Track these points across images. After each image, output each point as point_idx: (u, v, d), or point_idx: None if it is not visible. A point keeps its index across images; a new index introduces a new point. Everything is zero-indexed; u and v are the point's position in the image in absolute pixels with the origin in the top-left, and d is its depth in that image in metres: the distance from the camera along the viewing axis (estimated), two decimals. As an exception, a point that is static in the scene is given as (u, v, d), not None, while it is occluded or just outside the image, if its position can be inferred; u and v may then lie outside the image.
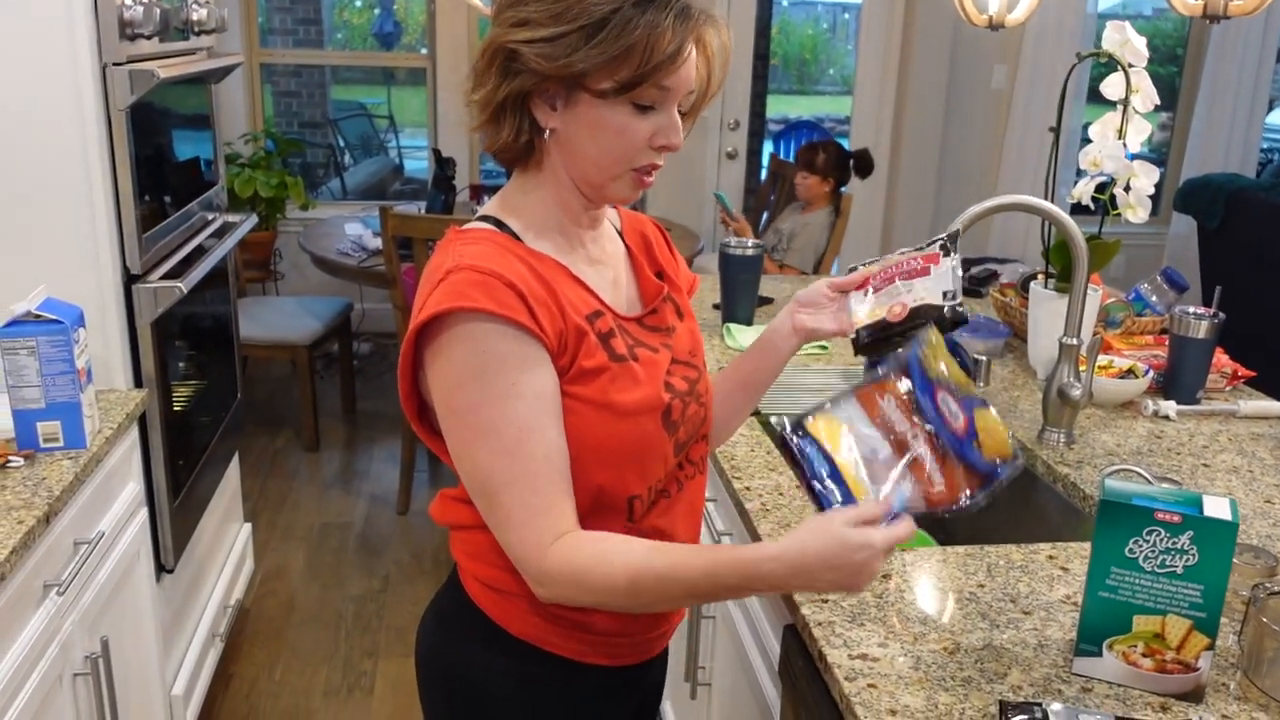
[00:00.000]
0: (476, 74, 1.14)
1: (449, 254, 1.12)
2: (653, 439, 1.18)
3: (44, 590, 1.65)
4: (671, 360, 1.23)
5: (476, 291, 1.07)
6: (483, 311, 1.06)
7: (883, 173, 5.56)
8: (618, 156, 1.13)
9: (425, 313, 1.08)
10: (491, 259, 1.10)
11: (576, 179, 1.16)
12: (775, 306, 2.77)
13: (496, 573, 1.20)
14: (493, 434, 1.08)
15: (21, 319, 1.75)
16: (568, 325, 1.12)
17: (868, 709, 1.15)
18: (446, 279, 1.08)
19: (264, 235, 4.97)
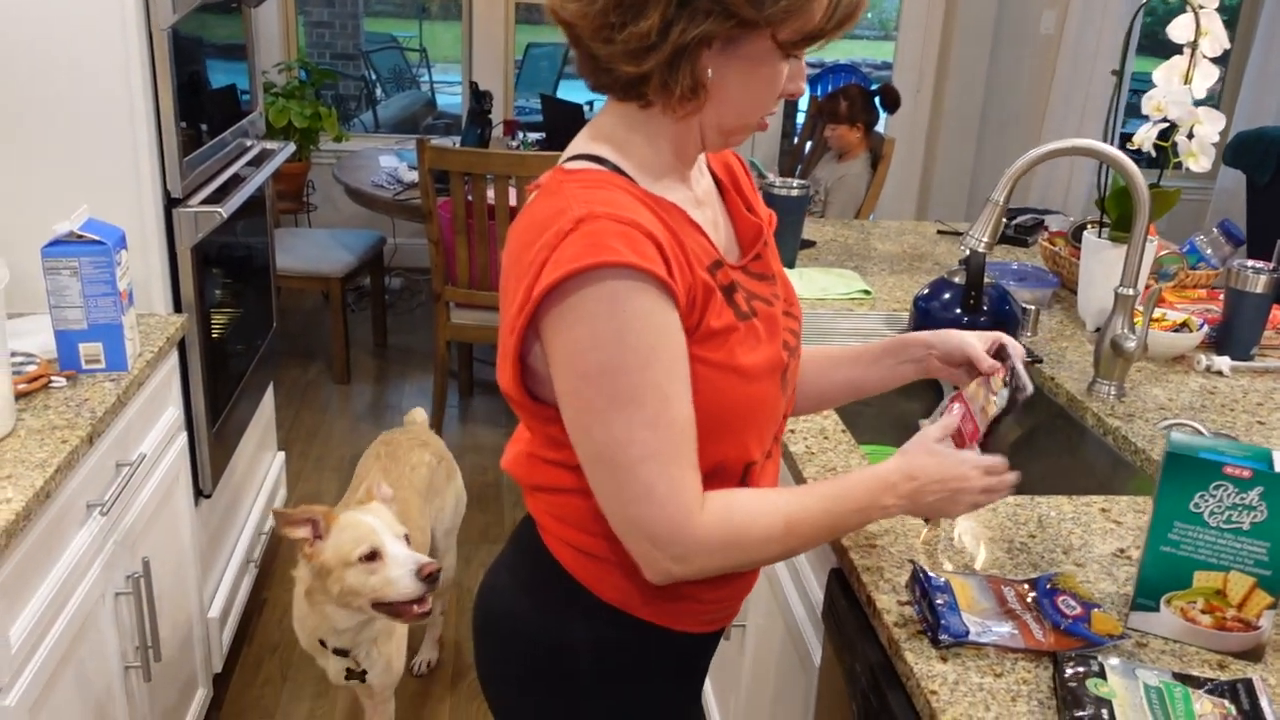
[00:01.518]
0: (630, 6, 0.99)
1: (569, 199, 1.01)
2: (773, 401, 1.13)
3: (87, 510, 1.66)
4: (783, 313, 1.17)
5: (618, 243, 0.96)
6: (626, 266, 0.96)
7: (924, 118, 5.47)
8: (760, 104, 1.06)
9: (564, 268, 0.96)
10: (624, 205, 0.99)
11: (707, 123, 1.07)
12: (817, 250, 2.73)
13: (594, 540, 1.13)
14: (633, 404, 0.99)
15: (64, 239, 1.74)
16: (696, 280, 1.04)
17: (918, 655, 1.13)
18: (578, 229, 0.97)
19: (297, 166, 4.95)
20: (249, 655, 2.65)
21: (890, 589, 1.25)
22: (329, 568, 1.83)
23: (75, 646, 1.60)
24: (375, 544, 1.83)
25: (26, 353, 1.79)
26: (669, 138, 1.09)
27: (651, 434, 1.00)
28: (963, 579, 1.23)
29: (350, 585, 1.83)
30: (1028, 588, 1.22)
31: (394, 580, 1.82)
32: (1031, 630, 1.15)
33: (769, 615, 1.81)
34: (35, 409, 1.65)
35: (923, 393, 2.10)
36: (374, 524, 1.85)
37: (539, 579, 1.19)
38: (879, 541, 1.35)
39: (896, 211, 5.47)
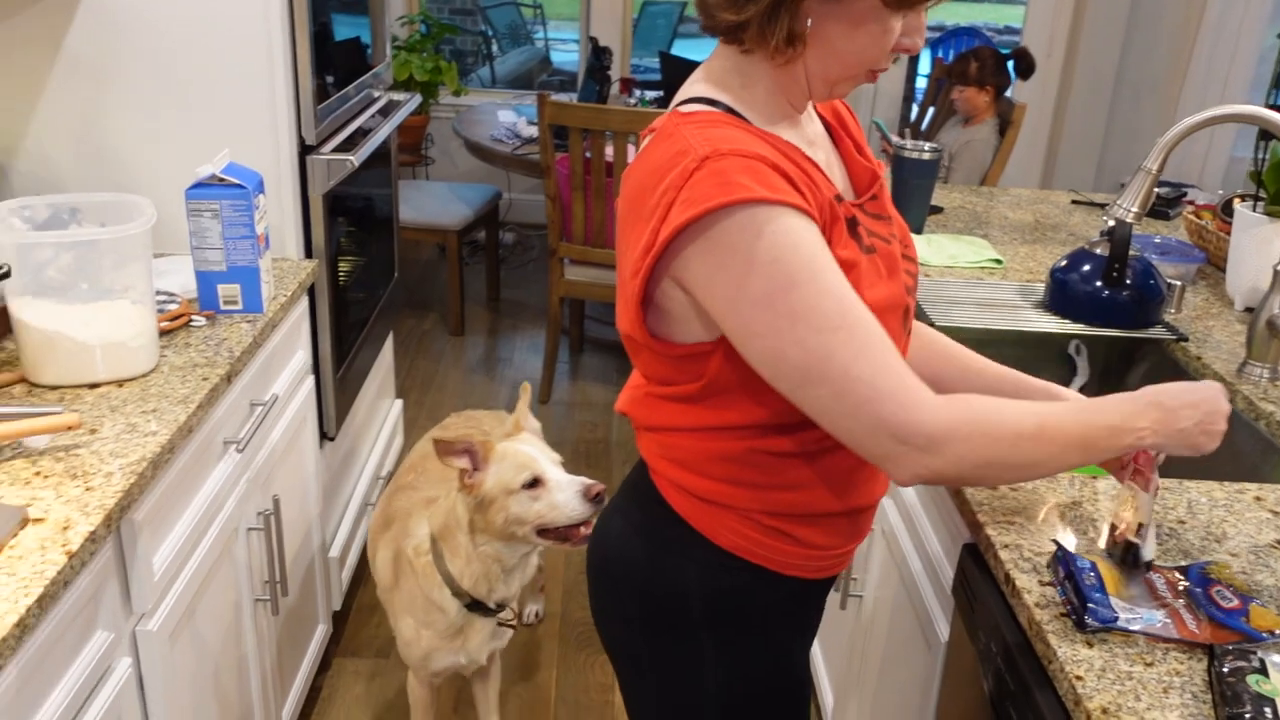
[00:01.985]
0: None
1: (689, 139, 1.01)
2: (894, 340, 1.09)
3: (224, 447, 1.71)
4: (902, 255, 1.16)
5: (746, 178, 0.96)
6: (758, 200, 0.96)
7: (1053, 83, 5.26)
8: (867, 57, 1.05)
9: (694, 208, 0.96)
10: (746, 142, 1.00)
11: (812, 73, 1.07)
12: (945, 216, 2.66)
13: (703, 481, 1.14)
14: (814, 312, 0.97)
15: (206, 182, 1.78)
16: (825, 207, 1.04)
17: (1061, 638, 1.09)
18: (704, 167, 0.97)
19: (417, 119, 5.00)
20: (365, 595, 2.72)
21: (1030, 568, 1.21)
22: (491, 497, 1.81)
23: (211, 577, 1.66)
24: (537, 471, 1.81)
25: (169, 292, 1.84)
26: (777, 83, 1.09)
27: (847, 336, 0.98)
28: (1109, 562, 1.18)
29: (515, 514, 1.81)
30: (1179, 575, 1.17)
31: (560, 504, 1.80)
32: (1184, 620, 1.10)
33: (890, 586, 1.78)
34: (177, 346, 1.70)
35: (1054, 368, 2.03)
36: (532, 452, 1.84)
37: (651, 522, 1.21)
38: (1017, 519, 1.31)
39: (1022, 179, 5.29)
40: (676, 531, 1.18)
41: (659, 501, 1.19)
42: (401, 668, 2.47)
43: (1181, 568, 1.18)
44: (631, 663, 1.27)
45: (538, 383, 3.88)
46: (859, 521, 1.22)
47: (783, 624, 1.23)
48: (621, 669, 1.30)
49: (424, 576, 1.92)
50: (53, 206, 1.64)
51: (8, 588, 1.10)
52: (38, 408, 1.44)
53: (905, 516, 1.74)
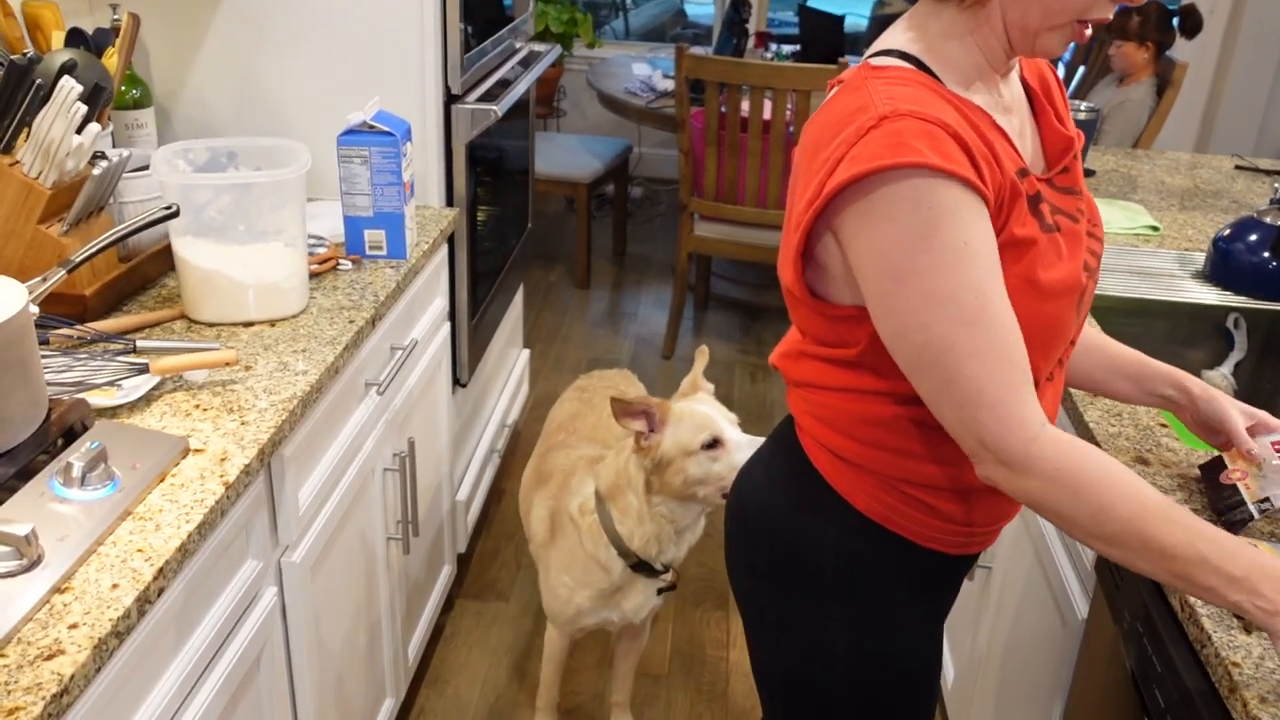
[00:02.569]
0: None
1: (873, 95, 0.99)
2: (1065, 323, 1.07)
3: (365, 389, 1.76)
4: (1087, 233, 1.11)
5: (921, 143, 0.94)
6: (928, 167, 0.93)
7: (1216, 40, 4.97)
8: (1075, 5, 0.99)
9: (862, 165, 0.95)
10: (930, 104, 0.96)
11: (1012, 23, 1.02)
12: (1097, 180, 2.54)
13: (847, 442, 1.13)
14: (949, 301, 0.96)
15: (357, 128, 1.82)
16: (1005, 182, 1.00)
17: (1216, 623, 1.05)
18: (880, 126, 0.95)
19: (551, 71, 5.02)
20: (487, 540, 2.79)
21: (1184, 549, 1.16)
22: (669, 459, 1.80)
23: (350, 514, 1.72)
24: (716, 431, 1.78)
25: (318, 236, 1.89)
26: (980, 41, 1.05)
27: (974, 332, 0.96)
28: (1270, 545, 1.13)
29: (694, 475, 1.79)
30: None
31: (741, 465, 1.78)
32: None
33: (1023, 561, 1.73)
34: (325, 289, 1.75)
35: (1210, 341, 1.93)
36: (711, 412, 1.81)
37: (792, 478, 1.20)
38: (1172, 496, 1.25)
39: (1175, 143, 5.03)
40: (816, 490, 1.17)
41: (802, 458, 1.19)
42: (522, 615, 2.53)
43: None
44: (758, 614, 1.27)
45: (661, 338, 3.89)
46: (1000, 501, 1.18)
47: (914, 597, 1.21)
48: (748, 619, 1.30)
49: (589, 535, 1.92)
50: (212, 150, 1.70)
51: (171, 514, 1.15)
52: (197, 344, 1.50)
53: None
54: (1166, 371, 1.28)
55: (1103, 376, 1.31)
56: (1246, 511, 1.19)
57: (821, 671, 1.21)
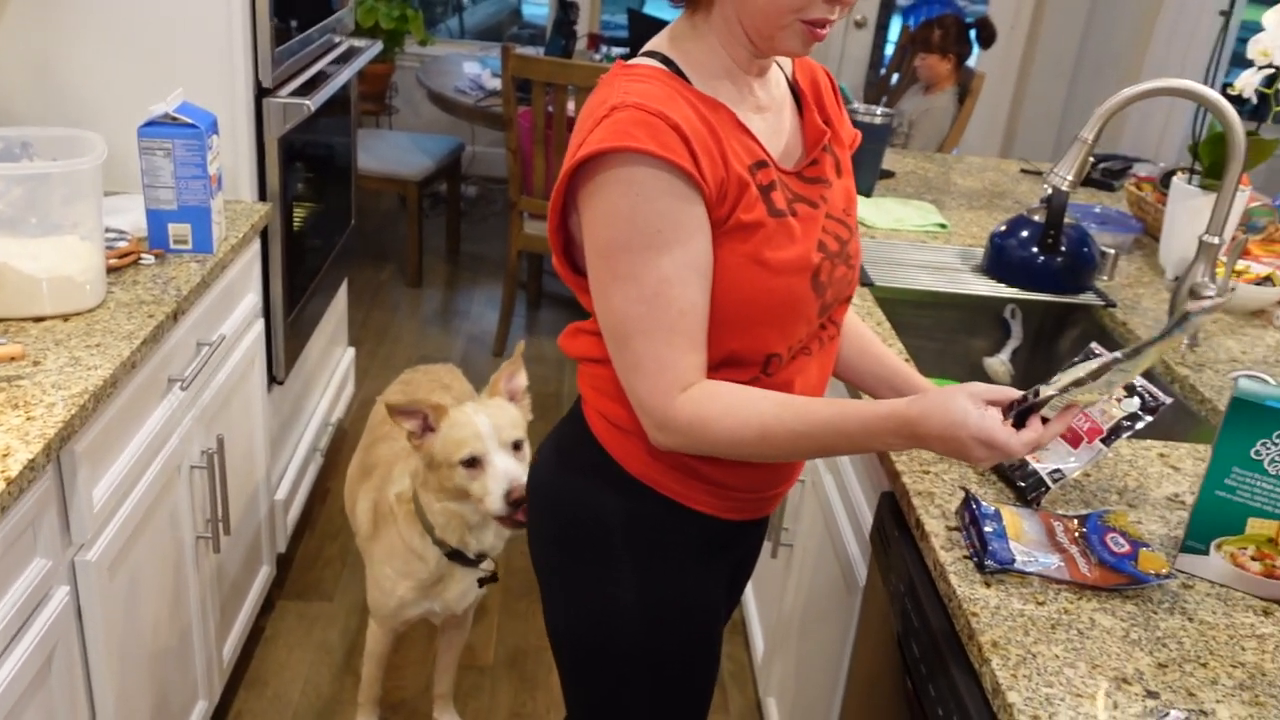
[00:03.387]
0: None
1: (614, 89, 1.09)
2: (800, 299, 1.16)
3: (168, 384, 1.73)
4: (826, 215, 1.20)
5: (640, 131, 1.04)
6: (644, 152, 1.04)
7: (1016, 53, 5.31)
8: (786, 5, 1.08)
9: (585, 149, 1.05)
10: (658, 98, 1.07)
11: (747, 27, 1.12)
12: (896, 181, 2.70)
13: (621, 410, 1.21)
14: (632, 280, 1.07)
15: (159, 120, 1.78)
16: (730, 175, 1.09)
17: (961, 579, 1.15)
18: (610, 116, 1.06)
19: (381, 68, 4.97)
20: (310, 540, 2.76)
21: (940, 514, 1.27)
22: (436, 463, 1.83)
23: (152, 512, 1.69)
24: (477, 451, 1.80)
25: (118, 229, 1.85)
26: (724, 43, 1.15)
27: (645, 310, 1.07)
28: (1013, 509, 1.25)
29: (457, 485, 1.82)
30: (1078, 524, 1.23)
31: (489, 492, 1.79)
32: (1078, 564, 1.16)
33: (816, 535, 1.84)
34: (125, 284, 1.72)
35: (990, 330, 2.09)
36: (482, 428, 1.81)
37: (575, 447, 1.28)
38: (933, 468, 1.36)
39: (980, 148, 5.35)
40: (594, 457, 1.25)
41: (585, 428, 1.27)
42: (347, 614, 2.52)
43: (1082, 516, 1.25)
44: (549, 581, 1.34)
45: (493, 336, 3.91)
46: (773, 467, 1.27)
47: (691, 560, 1.28)
48: (543, 588, 1.36)
49: (405, 524, 1.94)
50: (4, 139, 1.65)
51: (-55, 508, 1.12)
52: (-19, 338, 1.46)
53: (832, 466, 1.80)
54: (927, 387, 1.40)
55: (872, 384, 1.44)
56: (1042, 483, 1.30)
57: (608, 633, 1.28)
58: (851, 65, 5.45)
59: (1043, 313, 2.08)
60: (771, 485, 1.29)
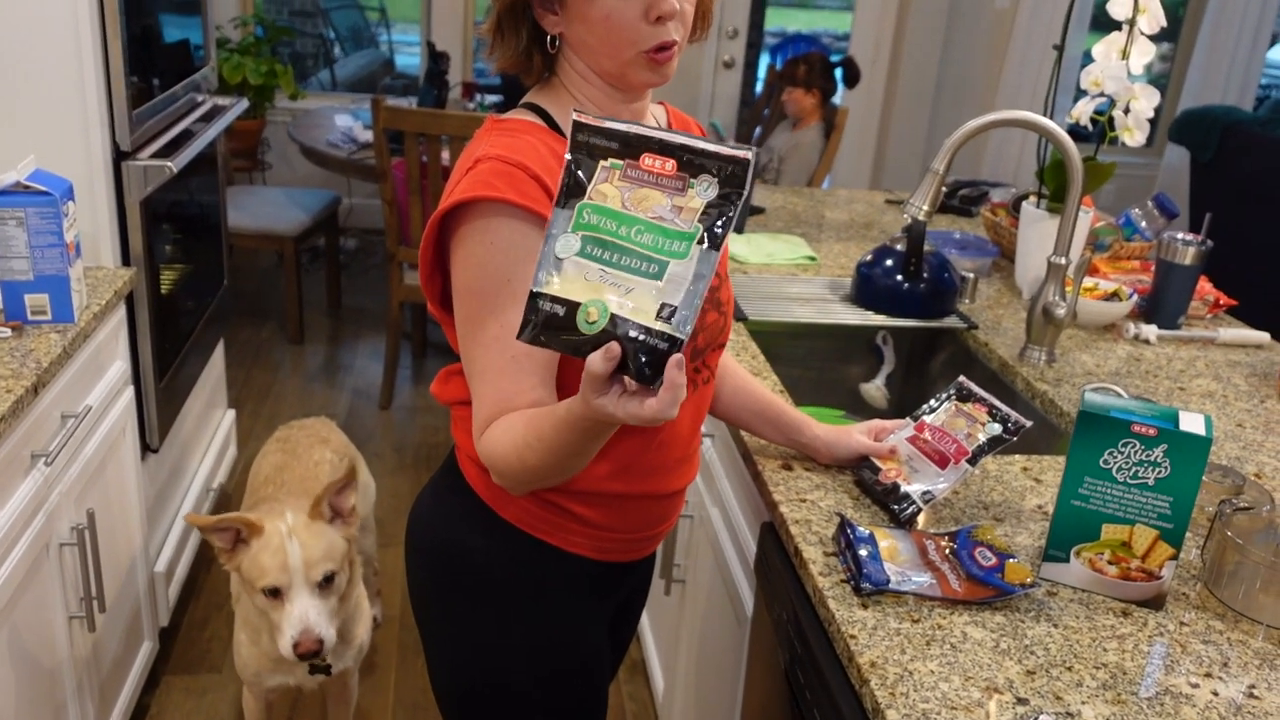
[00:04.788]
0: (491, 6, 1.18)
1: (483, 143, 1.14)
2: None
3: (31, 460, 1.67)
4: None
5: (500, 181, 1.08)
6: (502, 200, 1.07)
7: (879, 89, 5.51)
8: (618, 42, 1.12)
9: (450, 199, 1.10)
10: (520, 150, 1.10)
11: (595, 71, 1.17)
12: (767, 217, 2.77)
13: None
14: (478, 324, 1.11)
15: (10, 189, 1.73)
16: None
17: (840, 602, 1.19)
18: (475, 168, 1.10)
19: (252, 124, 4.90)
20: (196, 611, 2.67)
21: (818, 541, 1.30)
22: (243, 580, 1.80)
23: (19, 594, 1.62)
24: (280, 584, 1.76)
25: (-30, 303, 1.78)
26: (585, 94, 1.18)
27: (483, 353, 1.11)
28: (888, 531, 1.29)
29: (260, 606, 1.80)
30: (948, 540, 1.28)
31: (280, 633, 1.76)
32: (949, 580, 1.21)
33: (706, 570, 1.86)
34: (-21, 359, 1.66)
35: (864, 357, 2.15)
36: (291, 558, 1.76)
37: (447, 494, 1.30)
38: (809, 496, 1.40)
39: (851, 180, 5.53)
40: (467, 502, 1.26)
41: (456, 473, 1.28)
42: (235, 682, 2.44)
43: (951, 533, 1.29)
44: (431, 633, 1.34)
45: (379, 389, 3.86)
46: (647, 509, 1.29)
47: (573, 602, 1.30)
48: (425, 640, 1.36)
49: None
50: None
51: None
52: None
53: (716, 499, 1.83)
54: (800, 420, 1.47)
55: (748, 419, 1.49)
56: (914, 504, 1.35)
57: (491, 680, 1.28)
58: (723, 103, 5.58)
59: (912, 338, 2.15)
60: (646, 526, 1.31)
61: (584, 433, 1.00)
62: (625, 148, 0.93)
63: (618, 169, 0.93)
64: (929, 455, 1.39)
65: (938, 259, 2.13)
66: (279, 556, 1.76)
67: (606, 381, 0.90)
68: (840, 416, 1.94)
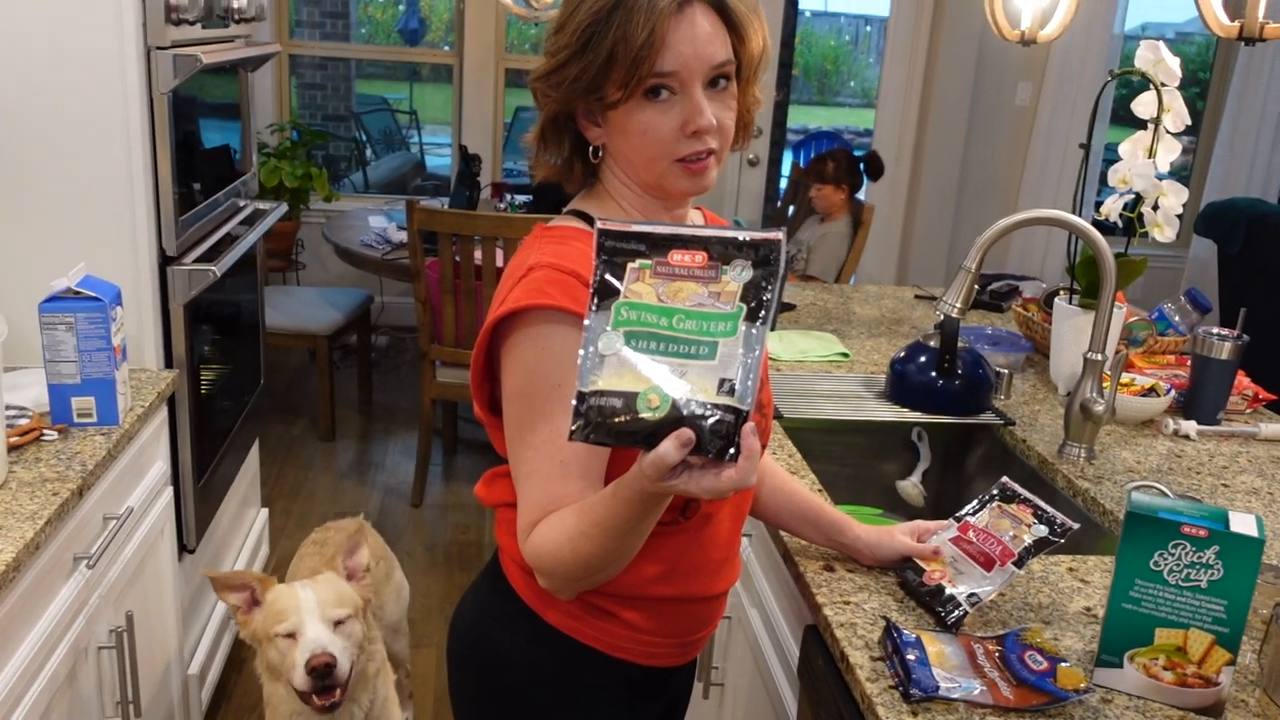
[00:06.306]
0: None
1: (533, 251, 1.16)
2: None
3: (74, 562, 1.68)
4: None
5: (553, 289, 1.10)
6: (554, 308, 1.10)
7: (903, 185, 5.58)
8: (654, 154, 1.15)
9: (504, 307, 1.12)
10: (572, 257, 1.13)
11: (635, 181, 1.20)
12: (798, 313, 2.79)
13: None
14: (528, 427, 1.13)
15: (61, 295, 1.78)
16: None
17: (889, 709, 1.16)
18: (528, 275, 1.13)
19: (287, 225, 5.01)
20: (227, 713, 2.64)
21: (863, 645, 1.28)
22: (259, 638, 1.81)
23: (59, 699, 1.61)
24: (292, 626, 1.78)
25: (20, 406, 1.81)
26: (628, 202, 1.22)
27: (533, 455, 1.12)
28: (934, 635, 1.27)
29: (274, 661, 1.80)
30: (996, 644, 1.26)
31: (294, 666, 1.76)
32: (999, 687, 1.18)
33: (746, 674, 1.83)
34: (27, 462, 1.68)
35: (899, 454, 2.14)
36: (303, 600, 1.79)
37: (491, 597, 1.29)
38: (853, 599, 1.38)
39: (877, 276, 5.56)
40: (511, 607, 1.25)
41: (499, 576, 1.28)
42: (267, 785, 2.40)
43: (999, 637, 1.27)
44: None
45: (410, 486, 3.86)
46: (691, 612, 1.28)
47: (619, 708, 1.28)
48: None
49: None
50: (-105, 323, 1.62)
51: None
52: (-127, 530, 1.40)
53: (755, 600, 1.81)
54: (841, 520, 1.47)
55: (788, 520, 1.49)
56: (961, 607, 1.33)
57: None
58: (749, 199, 5.67)
59: (948, 434, 2.14)
60: (690, 630, 1.29)
61: (641, 507, 1.02)
62: (652, 247, 0.96)
63: (647, 268, 0.96)
64: (974, 557, 1.37)
65: (971, 355, 2.14)
66: (293, 601, 1.81)
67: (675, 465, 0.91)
68: (878, 515, 1.92)
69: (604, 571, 1.12)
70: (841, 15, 11.21)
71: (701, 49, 1.11)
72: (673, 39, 1.09)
